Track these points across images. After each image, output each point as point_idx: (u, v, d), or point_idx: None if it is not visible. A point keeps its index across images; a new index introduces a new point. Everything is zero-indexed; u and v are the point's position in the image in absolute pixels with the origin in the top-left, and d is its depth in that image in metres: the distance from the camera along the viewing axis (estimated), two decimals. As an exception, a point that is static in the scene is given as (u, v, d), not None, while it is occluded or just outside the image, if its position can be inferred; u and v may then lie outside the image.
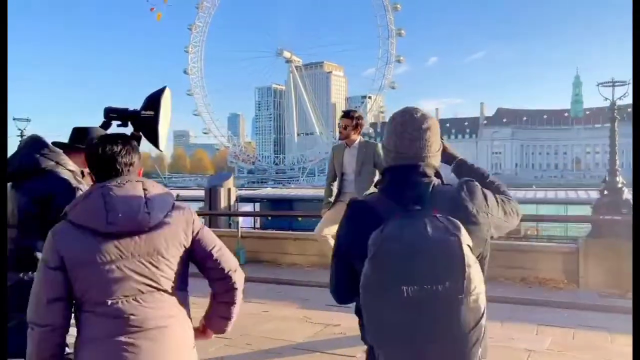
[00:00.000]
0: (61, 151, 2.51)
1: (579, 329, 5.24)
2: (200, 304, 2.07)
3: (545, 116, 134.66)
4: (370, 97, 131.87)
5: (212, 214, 17.78)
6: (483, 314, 1.56)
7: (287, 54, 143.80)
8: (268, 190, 37.79)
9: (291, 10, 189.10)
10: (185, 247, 1.94)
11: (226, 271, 1.99)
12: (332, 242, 4.72)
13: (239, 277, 2.03)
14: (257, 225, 28.38)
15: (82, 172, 2.53)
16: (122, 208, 1.80)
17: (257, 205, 28.77)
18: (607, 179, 9.09)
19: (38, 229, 2.23)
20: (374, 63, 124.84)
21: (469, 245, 1.54)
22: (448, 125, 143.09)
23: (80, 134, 2.62)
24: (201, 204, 25.25)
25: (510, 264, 9.79)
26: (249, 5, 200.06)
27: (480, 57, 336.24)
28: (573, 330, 5.24)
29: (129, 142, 2.06)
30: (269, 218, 28.30)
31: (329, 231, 4.82)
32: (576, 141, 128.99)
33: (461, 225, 1.56)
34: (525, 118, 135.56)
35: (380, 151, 4.83)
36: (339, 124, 4.80)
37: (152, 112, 2.68)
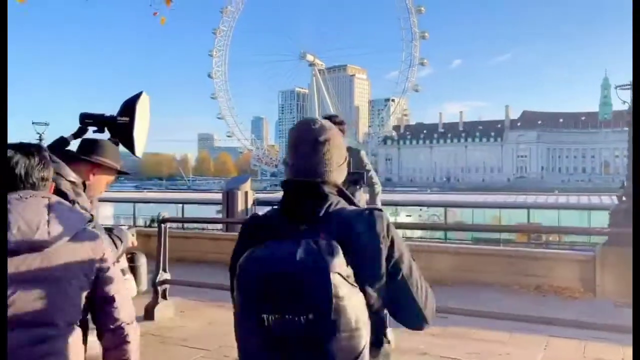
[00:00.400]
0: (61, 162, 2.41)
1: (590, 342, 4.99)
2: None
3: (572, 119, 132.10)
4: (393, 100, 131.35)
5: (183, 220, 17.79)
6: (361, 354, 1.37)
7: (310, 57, 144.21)
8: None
9: (314, 13, 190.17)
10: (88, 278, 1.73)
11: (120, 322, 1.77)
12: None
13: (133, 332, 1.81)
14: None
15: (84, 184, 2.46)
16: (19, 224, 1.59)
17: (273, 208, 28.52)
18: (624, 184, 8.73)
19: None
20: (398, 66, 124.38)
21: (341, 275, 1.35)
22: (471, 128, 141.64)
23: (88, 145, 2.56)
24: (219, 207, 25.38)
25: (525, 272, 9.52)
26: (272, 9, 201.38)
27: (506, 59, 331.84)
28: (584, 343, 4.99)
29: (44, 153, 1.86)
30: (287, 221, 28.18)
31: None
32: (604, 144, 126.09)
33: (339, 252, 1.38)
34: (551, 121, 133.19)
35: (365, 159, 4.67)
36: None
37: (127, 118, 2.64)
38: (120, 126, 2.60)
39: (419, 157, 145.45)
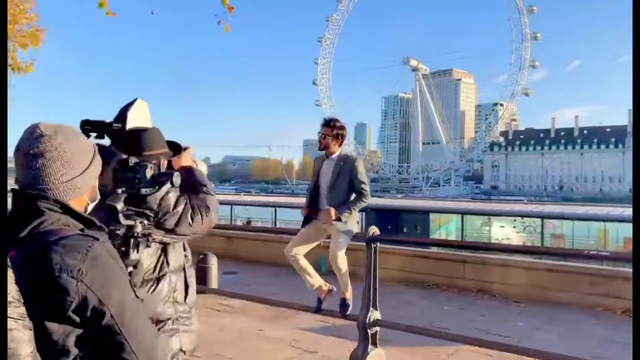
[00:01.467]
0: None
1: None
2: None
3: None
4: (502, 105, 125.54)
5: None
6: None
7: (413, 63, 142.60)
8: (374, 200, 37.29)
9: (418, 19, 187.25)
10: None
11: None
12: (302, 262, 4.35)
13: None
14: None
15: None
16: None
17: (361, 214, 28.43)
18: None
19: None
20: (507, 69, 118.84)
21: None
22: (589, 134, 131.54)
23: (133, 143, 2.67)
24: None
25: (612, 293, 8.62)
26: (376, 16, 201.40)
27: (628, 60, 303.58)
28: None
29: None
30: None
31: (298, 250, 4.40)
32: None
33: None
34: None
35: (360, 168, 4.38)
36: (318, 132, 4.40)
37: (119, 125, 2.71)
38: (115, 132, 2.68)
39: (529, 164, 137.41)
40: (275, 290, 6.27)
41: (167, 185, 2.02)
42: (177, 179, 2.01)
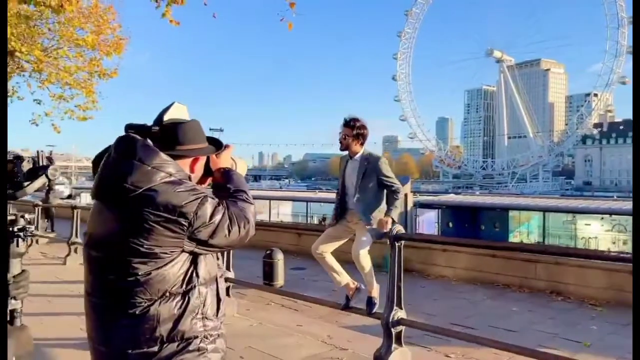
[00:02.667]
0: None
1: None
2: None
3: None
4: (595, 95, 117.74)
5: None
6: None
7: (497, 54, 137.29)
8: (450, 197, 36.27)
9: (502, 8, 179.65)
10: None
11: None
12: (329, 260, 4.36)
13: None
14: (435, 231, 27.61)
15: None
16: None
17: (437, 212, 27.90)
18: None
19: None
20: (601, 57, 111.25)
21: None
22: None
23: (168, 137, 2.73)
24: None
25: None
26: (457, 8, 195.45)
27: None
28: None
29: None
30: (450, 224, 27.27)
31: (325, 248, 4.40)
32: None
33: None
34: None
35: (384, 165, 4.30)
36: (339, 132, 4.37)
37: (157, 128, 2.90)
38: (154, 135, 2.87)
39: (626, 158, 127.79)
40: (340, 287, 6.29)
41: (43, 179, 1.91)
42: (52, 171, 1.90)
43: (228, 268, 5.38)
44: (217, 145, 1.99)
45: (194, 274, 1.72)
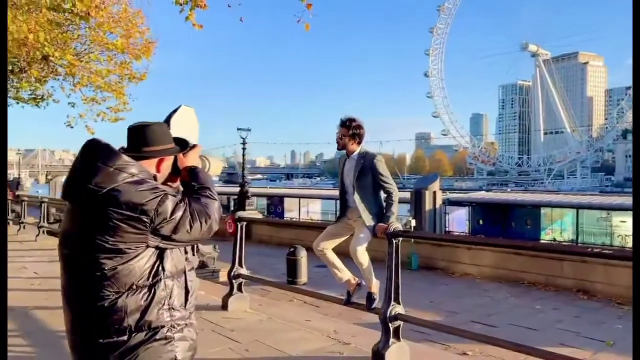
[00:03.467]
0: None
1: None
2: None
3: None
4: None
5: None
6: None
7: (532, 48, 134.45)
8: (480, 194, 35.72)
9: (536, 0, 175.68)
10: None
11: None
12: (329, 256, 4.44)
13: None
14: (465, 229, 27.28)
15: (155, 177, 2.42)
16: None
17: (468, 209, 27.55)
18: None
19: None
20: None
21: None
22: None
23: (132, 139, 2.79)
24: (407, 206, 25.46)
25: None
26: (490, 2, 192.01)
27: None
28: None
29: None
30: (480, 222, 26.89)
31: (326, 245, 4.49)
32: None
33: None
34: None
35: (379, 164, 4.33)
36: (336, 132, 4.44)
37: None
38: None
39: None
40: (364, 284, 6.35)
41: None
42: None
43: (240, 264, 5.51)
44: (184, 146, 2.09)
45: (160, 268, 1.81)
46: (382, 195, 4.33)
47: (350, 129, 4.35)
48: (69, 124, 15.03)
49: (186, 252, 2.01)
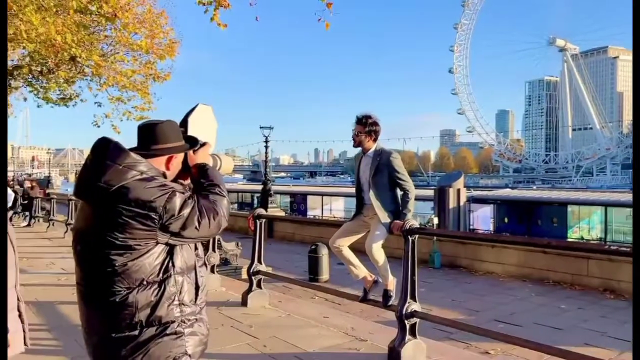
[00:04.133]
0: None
1: None
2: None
3: None
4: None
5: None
6: None
7: (560, 43, 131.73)
8: (506, 191, 35.15)
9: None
10: None
11: None
12: (346, 253, 4.44)
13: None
14: (490, 228, 26.94)
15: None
16: None
17: (492, 207, 27.15)
18: None
19: None
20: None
21: None
22: None
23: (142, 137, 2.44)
24: (431, 204, 25.25)
25: None
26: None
27: None
28: None
29: None
30: (505, 220, 26.51)
31: (342, 242, 4.47)
32: None
33: None
34: None
35: (395, 161, 4.29)
36: (352, 130, 4.41)
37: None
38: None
39: None
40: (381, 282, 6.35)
41: None
42: None
43: (259, 261, 5.57)
44: (194, 143, 2.09)
45: (170, 264, 1.84)
46: (399, 192, 4.32)
47: (366, 126, 4.33)
48: (96, 124, 15.35)
49: (196, 249, 2.03)
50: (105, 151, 1.81)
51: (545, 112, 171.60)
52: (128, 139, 2.20)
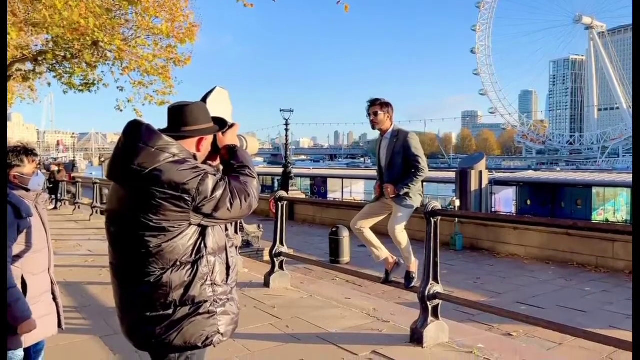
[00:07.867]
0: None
1: None
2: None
3: None
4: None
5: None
6: None
7: (587, 20, 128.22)
8: (528, 173, 34.61)
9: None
10: None
11: None
12: (367, 235, 4.44)
13: None
14: (512, 210, 26.63)
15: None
16: None
17: (515, 189, 26.80)
18: None
19: None
20: None
21: None
22: None
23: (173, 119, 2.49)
24: (453, 186, 25.06)
25: None
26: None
27: None
28: None
29: None
30: (528, 202, 26.18)
31: (363, 224, 4.47)
32: None
33: None
34: None
35: (412, 141, 4.27)
36: (367, 115, 4.40)
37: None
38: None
39: None
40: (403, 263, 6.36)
41: None
42: None
43: (282, 243, 5.62)
44: (222, 125, 2.10)
45: (202, 245, 1.88)
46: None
47: (381, 107, 4.35)
48: (118, 108, 15.53)
49: (227, 230, 2.06)
50: (137, 134, 1.83)
51: (570, 92, 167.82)
52: (150, 123, 2.20)
